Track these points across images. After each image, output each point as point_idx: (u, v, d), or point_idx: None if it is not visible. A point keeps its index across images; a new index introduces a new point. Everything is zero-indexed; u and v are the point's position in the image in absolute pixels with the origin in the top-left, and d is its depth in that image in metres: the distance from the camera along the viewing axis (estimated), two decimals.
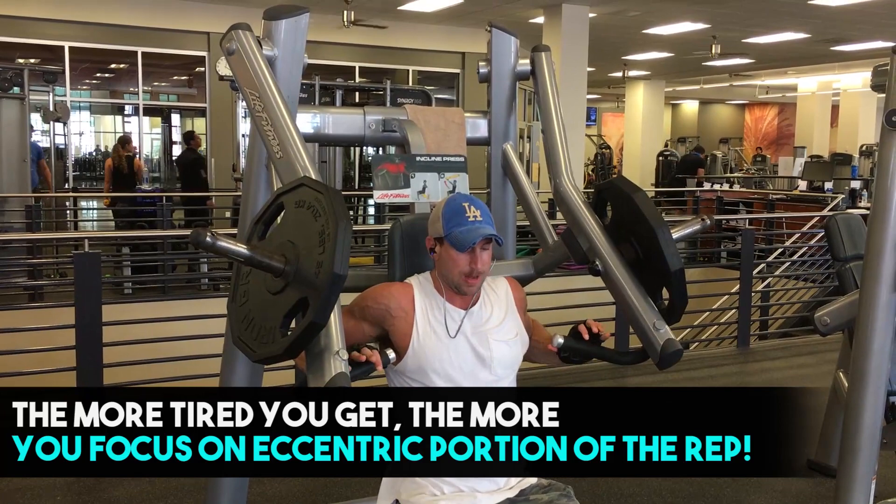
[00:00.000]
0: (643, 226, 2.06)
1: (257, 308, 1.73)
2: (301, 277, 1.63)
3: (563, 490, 2.03)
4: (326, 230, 1.61)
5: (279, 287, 1.68)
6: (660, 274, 2.06)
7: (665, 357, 2.02)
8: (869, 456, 2.76)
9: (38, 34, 11.99)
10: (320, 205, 1.66)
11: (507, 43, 2.57)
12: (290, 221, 1.74)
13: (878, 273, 2.70)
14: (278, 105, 2.05)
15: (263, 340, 1.69)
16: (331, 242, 1.59)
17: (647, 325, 2.05)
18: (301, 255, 1.65)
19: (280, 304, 1.67)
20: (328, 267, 1.57)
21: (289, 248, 1.68)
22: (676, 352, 2.03)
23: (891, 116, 2.65)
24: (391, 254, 2.29)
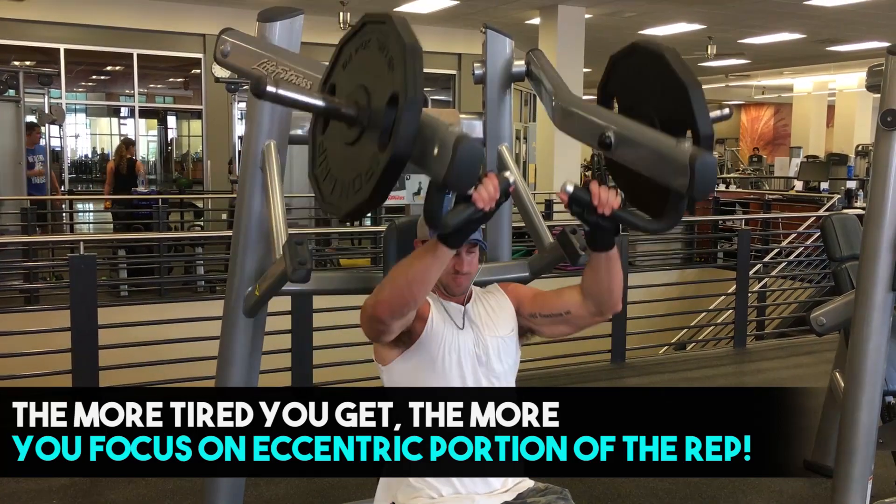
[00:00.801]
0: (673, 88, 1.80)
1: (339, 166, 1.64)
2: (377, 118, 1.51)
3: (559, 493, 2.03)
4: (395, 57, 1.50)
5: (355, 136, 1.57)
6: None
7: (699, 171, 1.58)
8: (865, 456, 2.77)
9: (34, 36, 11.97)
10: (384, 35, 1.55)
11: (502, 44, 2.57)
12: (356, 67, 1.63)
13: (874, 273, 2.71)
14: (289, 54, 2.03)
15: (349, 192, 1.57)
16: (400, 67, 1.47)
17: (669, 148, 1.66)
18: (373, 96, 1.54)
19: (360, 151, 1.56)
20: (402, 95, 1.45)
21: (359, 93, 1.57)
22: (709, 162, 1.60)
23: (886, 116, 2.65)
24: (386, 255, 2.29)
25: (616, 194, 1.73)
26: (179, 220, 11.19)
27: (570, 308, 2.04)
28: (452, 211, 1.57)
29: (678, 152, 1.62)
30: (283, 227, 2.09)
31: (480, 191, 1.58)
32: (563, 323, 2.07)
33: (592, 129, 1.86)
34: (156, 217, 9.44)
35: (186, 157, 15.79)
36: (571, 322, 2.06)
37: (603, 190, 1.72)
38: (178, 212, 11.24)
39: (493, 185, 1.59)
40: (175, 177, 15.01)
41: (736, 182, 16.52)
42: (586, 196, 1.71)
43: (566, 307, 2.04)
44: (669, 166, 1.64)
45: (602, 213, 1.72)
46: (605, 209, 1.71)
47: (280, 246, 2.02)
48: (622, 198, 1.75)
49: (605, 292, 1.96)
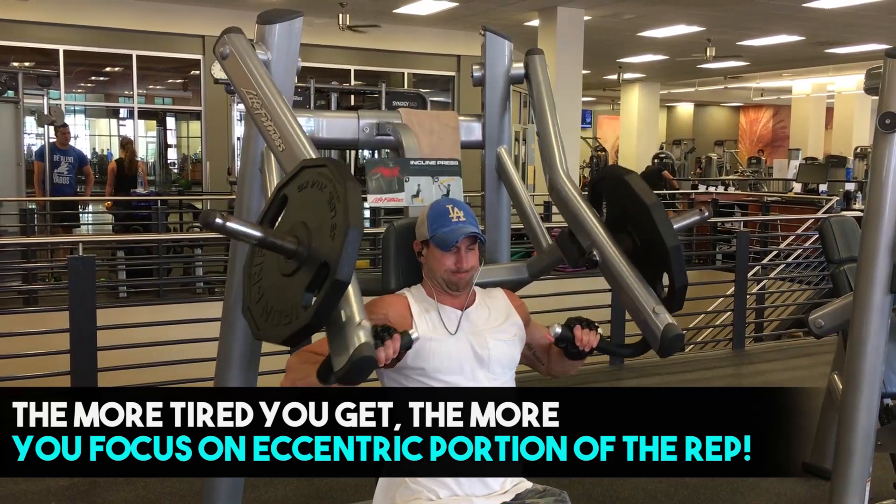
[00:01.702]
0: (638, 207, 2.04)
1: (269, 286, 1.69)
2: (316, 252, 1.58)
3: (558, 495, 2.04)
4: (335, 195, 1.57)
5: (293, 268, 1.63)
6: (658, 261, 2.04)
7: (666, 342, 1.95)
8: (863, 458, 2.77)
9: (33, 37, 11.97)
10: (324, 177, 1.62)
11: (500, 46, 2.57)
12: (297, 206, 1.69)
13: (872, 275, 2.71)
14: (276, 99, 2.04)
15: (271, 322, 1.64)
16: (341, 202, 1.55)
17: (646, 311, 2.01)
18: (313, 232, 1.61)
19: (296, 284, 1.62)
20: (343, 223, 1.52)
21: (300, 228, 1.63)
22: (677, 336, 1.96)
23: (884, 119, 2.66)
24: (385, 257, 2.30)
25: (596, 335, 2.03)
26: (178, 222, 11.18)
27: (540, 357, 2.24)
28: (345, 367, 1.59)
29: (654, 321, 1.98)
30: None
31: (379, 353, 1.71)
32: (529, 361, 2.25)
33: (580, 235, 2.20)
34: (155, 218, 9.44)
35: (186, 159, 15.80)
36: (534, 365, 2.27)
37: (585, 333, 2.01)
38: (177, 213, 11.24)
39: (393, 348, 1.74)
40: (174, 178, 15.01)
41: (735, 184, 16.52)
42: (570, 336, 2.01)
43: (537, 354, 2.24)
44: (645, 327, 2.01)
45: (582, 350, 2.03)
46: (586, 347, 2.02)
47: None
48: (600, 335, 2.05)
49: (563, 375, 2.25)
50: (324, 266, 1.55)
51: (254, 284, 1.73)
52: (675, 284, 2.02)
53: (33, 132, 12.48)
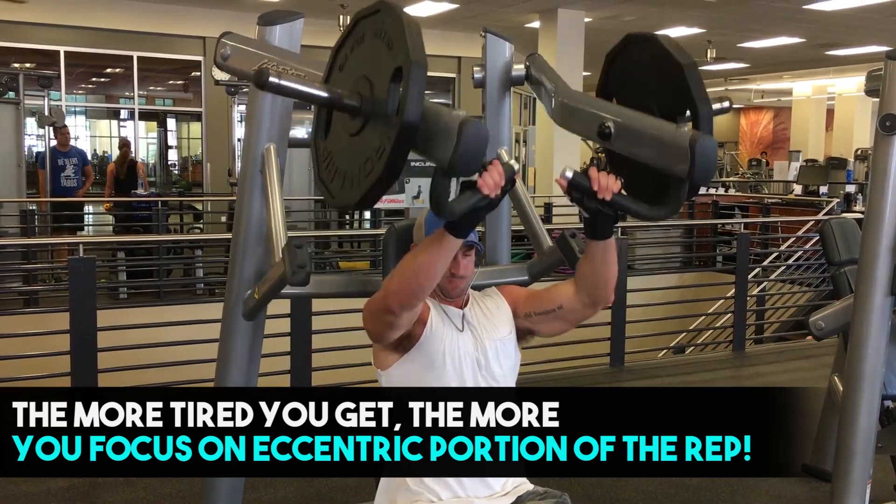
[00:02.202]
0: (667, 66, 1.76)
1: (338, 151, 1.64)
2: (378, 115, 1.52)
3: (559, 497, 2.03)
4: (393, 35, 1.51)
5: (357, 127, 1.57)
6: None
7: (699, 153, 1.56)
8: (864, 460, 2.77)
9: (34, 38, 11.97)
10: (378, 22, 1.55)
11: (501, 48, 2.57)
12: (365, 54, 1.63)
13: (873, 277, 2.71)
14: (292, 56, 2.03)
15: (365, 172, 1.56)
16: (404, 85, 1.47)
17: (670, 134, 1.64)
18: (375, 83, 1.54)
19: (359, 147, 1.56)
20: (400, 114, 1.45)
21: (364, 84, 1.57)
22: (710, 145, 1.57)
23: (885, 121, 2.66)
24: (386, 259, 2.30)
25: (616, 179, 1.70)
26: (179, 223, 11.18)
27: (563, 302, 2.04)
28: (458, 198, 1.57)
29: (678, 137, 1.60)
30: (282, 230, 2.09)
31: (485, 177, 1.58)
32: (558, 319, 2.08)
33: (592, 121, 1.83)
34: (155, 219, 9.44)
35: (187, 160, 15.80)
36: (565, 317, 2.06)
37: (602, 175, 1.70)
38: (177, 214, 11.24)
39: (497, 171, 1.59)
40: (175, 179, 15.01)
41: (735, 186, 16.51)
42: (586, 182, 1.69)
43: (559, 302, 2.05)
44: (669, 151, 1.61)
45: (602, 198, 1.70)
46: (606, 194, 1.69)
47: (279, 249, 2.02)
48: (622, 184, 1.73)
49: (601, 282, 1.96)
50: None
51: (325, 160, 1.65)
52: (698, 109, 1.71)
53: (34, 133, 12.49)
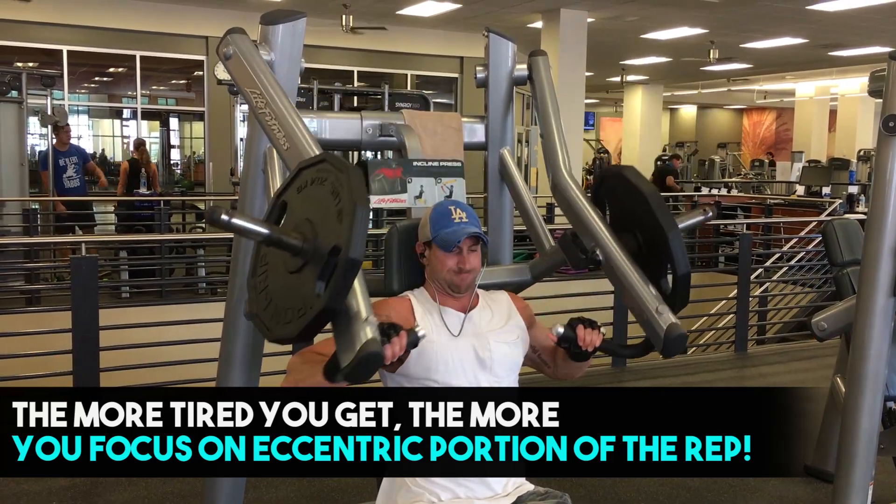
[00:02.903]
0: (651, 223, 2.04)
1: (276, 287, 1.69)
2: (319, 257, 1.57)
3: (559, 497, 2.03)
4: (338, 183, 1.57)
5: (298, 266, 1.62)
6: (661, 257, 2.05)
7: (669, 342, 1.97)
8: (866, 461, 2.76)
9: (36, 38, 11.99)
10: (323, 171, 1.61)
11: (504, 48, 2.57)
12: (299, 207, 1.69)
13: (875, 278, 2.71)
14: (280, 99, 2.04)
15: (282, 321, 1.63)
16: (344, 187, 1.54)
17: (649, 311, 2.01)
18: (319, 234, 1.60)
19: (305, 278, 1.61)
20: (349, 205, 1.52)
21: (306, 225, 1.63)
22: (680, 336, 1.97)
23: (888, 122, 2.65)
24: (388, 258, 2.30)
25: (599, 335, 2.02)
26: (181, 222, 11.19)
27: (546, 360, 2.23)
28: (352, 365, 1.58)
29: (657, 322, 1.99)
30: None
31: (387, 349, 1.65)
32: (534, 364, 2.25)
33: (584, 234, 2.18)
34: (157, 219, 9.44)
35: (190, 160, 15.82)
36: (540, 368, 2.26)
37: (588, 333, 2.00)
38: (179, 213, 11.25)
39: (399, 345, 1.69)
40: (177, 178, 15.03)
41: (738, 186, 16.50)
42: (572, 335, 2.00)
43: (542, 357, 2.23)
44: (648, 327, 2.01)
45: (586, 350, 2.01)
46: (589, 346, 2.00)
47: None
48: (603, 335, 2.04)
49: (569, 377, 2.22)
50: (334, 251, 1.54)
51: (259, 292, 1.72)
52: (676, 272, 2.02)
53: (37, 133, 12.50)
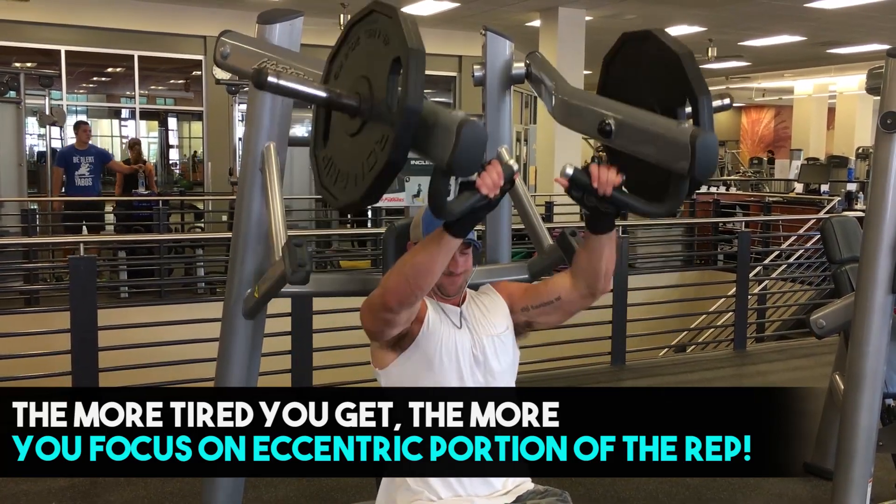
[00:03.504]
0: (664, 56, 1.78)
1: (339, 154, 1.65)
2: (378, 113, 1.53)
3: (559, 495, 2.03)
4: (389, 30, 1.52)
5: (357, 127, 1.58)
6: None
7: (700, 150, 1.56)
8: (865, 458, 2.77)
9: (34, 38, 11.97)
10: (373, 22, 1.56)
11: (501, 46, 2.57)
12: (362, 54, 1.64)
13: (874, 275, 2.71)
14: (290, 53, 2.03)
15: (368, 167, 1.56)
16: (403, 73, 1.48)
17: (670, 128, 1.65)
18: (375, 90, 1.55)
19: (361, 144, 1.57)
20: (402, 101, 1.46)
21: (362, 83, 1.58)
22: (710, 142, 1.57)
23: (886, 119, 2.65)
24: (386, 257, 2.29)
25: (616, 173, 1.69)
26: (180, 222, 11.18)
27: (561, 293, 2.04)
28: (457, 199, 1.57)
29: (678, 133, 1.60)
30: (282, 229, 2.09)
31: (484, 177, 1.58)
32: (555, 310, 2.07)
33: (592, 118, 1.83)
34: (156, 219, 9.43)
35: (188, 159, 15.80)
36: (563, 308, 2.06)
37: (602, 170, 1.69)
38: (178, 213, 11.23)
39: (496, 171, 1.59)
40: (176, 178, 15.01)
41: (736, 184, 16.50)
42: (586, 178, 1.68)
43: (556, 293, 2.05)
44: (670, 148, 1.62)
45: (603, 194, 1.69)
46: (606, 189, 1.68)
47: (279, 247, 2.03)
48: (623, 180, 1.71)
49: (600, 274, 1.96)
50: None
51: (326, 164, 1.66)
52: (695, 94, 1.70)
53: (35, 133, 12.49)
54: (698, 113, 1.69)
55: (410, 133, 1.47)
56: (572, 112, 2.03)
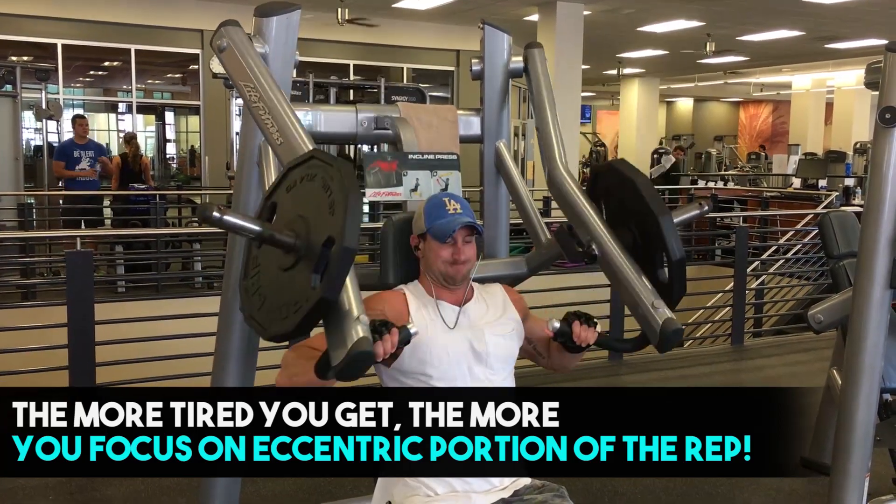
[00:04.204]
0: (644, 211, 2.05)
1: (269, 286, 1.69)
2: (312, 252, 1.58)
3: (556, 490, 2.03)
4: (328, 176, 1.58)
5: (290, 263, 1.63)
6: (657, 259, 2.06)
7: (665, 337, 1.98)
8: (862, 453, 2.76)
9: (31, 32, 11.94)
10: (329, 177, 1.61)
11: (499, 40, 2.57)
12: (299, 195, 1.69)
13: (872, 270, 2.71)
14: (274, 92, 2.03)
15: (278, 318, 1.64)
16: (335, 180, 1.55)
17: (645, 306, 2.03)
18: (311, 229, 1.61)
19: (298, 274, 1.62)
20: (341, 196, 1.53)
21: (299, 222, 1.64)
22: (676, 331, 1.98)
23: (884, 114, 2.65)
24: (384, 252, 2.29)
25: (594, 332, 2.04)
26: (177, 216, 11.16)
27: (540, 351, 2.25)
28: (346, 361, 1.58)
29: (653, 316, 2.00)
30: None
31: (378, 346, 1.68)
32: (529, 355, 2.26)
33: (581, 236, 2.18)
34: (153, 213, 9.42)
35: (186, 154, 15.78)
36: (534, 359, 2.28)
37: (583, 330, 2.03)
38: (175, 208, 11.22)
39: (391, 342, 1.71)
40: (173, 173, 14.99)
41: (734, 179, 16.50)
42: (568, 331, 2.03)
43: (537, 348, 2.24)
44: (644, 322, 2.03)
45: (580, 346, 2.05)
46: (583, 344, 2.05)
47: None
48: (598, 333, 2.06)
49: (563, 370, 2.27)
50: (328, 243, 1.54)
51: (252, 294, 1.73)
52: (671, 258, 2.02)
53: (31, 127, 12.46)
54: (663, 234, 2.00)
55: (345, 274, 1.55)
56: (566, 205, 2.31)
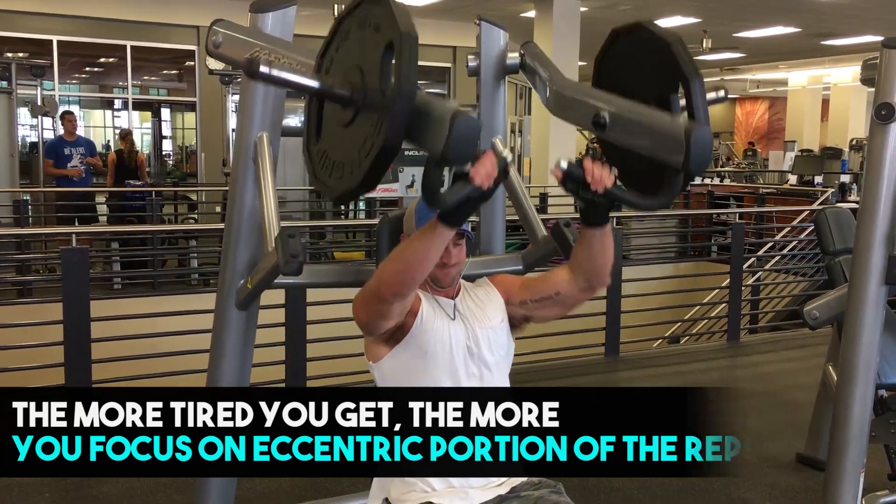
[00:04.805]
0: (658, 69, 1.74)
1: (333, 145, 1.64)
2: (371, 101, 1.51)
3: (553, 486, 2.03)
4: (381, 18, 1.52)
5: (350, 117, 1.57)
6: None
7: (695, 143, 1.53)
8: (858, 449, 2.77)
9: (26, 28, 11.91)
10: (383, 17, 1.54)
11: (495, 36, 2.56)
12: (353, 44, 1.63)
13: (867, 266, 2.71)
14: (284, 44, 2.02)
15: (363, 154, 1.54)
16: (397, 57, 1.47)
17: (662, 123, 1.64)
18: (367, 78, 1.54)
19: (354, 134, 1.55)
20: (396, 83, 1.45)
21: (354, 73, 1.56)
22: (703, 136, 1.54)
23: (880, 110, 2.65)
24: (380, 249, 2.29)
25: (610, 172, 1.69)
26: (173, 213, 11.15)
27: (560, 288, 2.03)
28: (450, 189, 1.57)
29: (673, 127, 1.59)
30: (275, 220, 2.08)
31: (478, 168, 1.58)
32: (555, 305, 2.06)
33: (586, 110, 1.81)
34: (149, 210, 9.40)
35: (183, 150, 15.76)
36: (562, 302, 2.05)
37: (597, 167, 1.68)
38: (171, 204, 11.20)
39: (490, 161, 1.59)
40: (169, 169, 14.97)
41: (730, 176, 16.51)
42: (580, 173, 1.68)
43: (555, 288, 2.04)
44: (664, 142, 1.60)
45: (595, 190, 1.69)
46: (599, 187, 1.69)
47: (272, 238, 2.02)
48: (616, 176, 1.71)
49: (598, 268, 1.95)
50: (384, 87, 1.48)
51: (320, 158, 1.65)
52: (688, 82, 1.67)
53: (27, 123, 12.43)
54: (691, 97, 1.67)
55: (406, 116, 1.46)
56: (566, 104, 2.03)
